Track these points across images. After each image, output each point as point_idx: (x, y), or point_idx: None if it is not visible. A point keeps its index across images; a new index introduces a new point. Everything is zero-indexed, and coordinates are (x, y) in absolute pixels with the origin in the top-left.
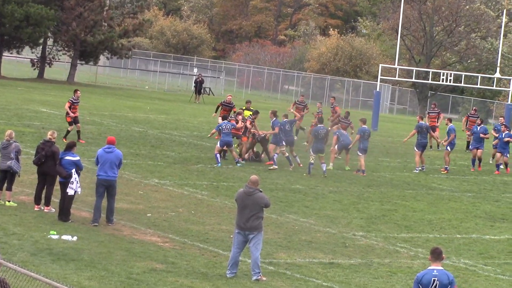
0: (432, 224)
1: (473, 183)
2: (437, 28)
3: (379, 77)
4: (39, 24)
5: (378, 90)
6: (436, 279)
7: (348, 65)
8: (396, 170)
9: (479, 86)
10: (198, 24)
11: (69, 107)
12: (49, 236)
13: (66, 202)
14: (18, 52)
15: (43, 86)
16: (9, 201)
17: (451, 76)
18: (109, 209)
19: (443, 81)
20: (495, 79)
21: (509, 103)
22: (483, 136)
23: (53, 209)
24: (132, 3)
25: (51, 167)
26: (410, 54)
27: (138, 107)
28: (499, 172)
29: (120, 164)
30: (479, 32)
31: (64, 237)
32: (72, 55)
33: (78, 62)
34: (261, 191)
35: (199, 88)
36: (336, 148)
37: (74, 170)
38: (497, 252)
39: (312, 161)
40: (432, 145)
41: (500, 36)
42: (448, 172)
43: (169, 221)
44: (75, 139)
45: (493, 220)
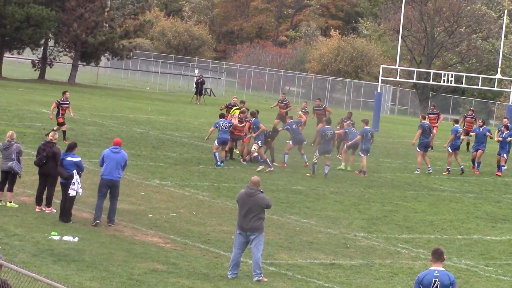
0: (433, 225)
1: (474, 184)
2: (438, 29)
3: (380, 78)
4: (40, 25)
5: (379, 91)
6: (437, 279)
7: (349, 66)
8: (397, 171)
9: (480, 87)
10: (199, 25)
11: (55, 107)
12: (50, 237)
13: (67, 203)
14: (19, 53)
15: (44, 87)
16: (10, 202)
17: (452, 77)
18: (111, 209)
19: (444, 82)
20: (496, 80)
21: (510, 104)
22: (489, 135)
23: (54, 210)
24: (133, 4)
25: (52, 168)
26: (411, 55)
27: (139, 108)
28: (501, 174)
29: (125, 165)
30: (480, 33)
31: (65, 238)
32: (73, 56)
33: (79, 63)
34: (262, 192)
35: (200, 89)
36: (345, 147)
37: (75, 171)
38: (498, 253)
39: (315, 160)
40: (432, 145)
41: (501, 37)
42: (449, 173)
43: (170, 222)
44: (78, 140)
45: (494, 221)
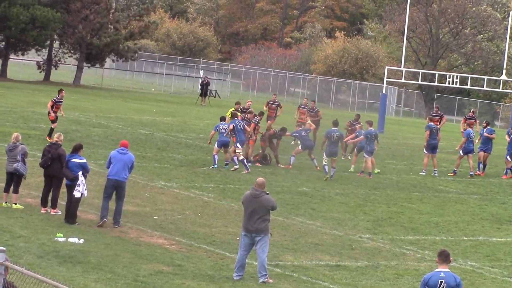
0: (438, 226)
1: (479, 186)
2: (443, 30)
3: (385, 79)
4: (45, 26)
5: (384, 92)
6: (443, 281)
7: (354, 67)
8: (402, 172)
9: (485, 88)
10: (204, 27)
11: (51, 106)
12: (55, 238)
13: (73, 204)
14: (24, 54)
15: (49, 89)
16: (15, 203)
17: (457, 78)
18: (117, 211)
19: (449, 83)
20: (501, 81)
21: None
22: (487, 136)
23: (59, 211)
24: (138, 6)
25: (58, 169)
26: (416, 56)
27: (144, 110)
28: (506, 177)
29: (131, 167)
30: (486, 34)
31: (71, 239)
32: (78, 57)
33: (84, 64)
34: (267, 194)
35: (205, 90)
36: (356, 151)
37: (80, 173)
38: (504, 254)
39: (325, 163)
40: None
41: (507, 38)
42: (454, 175)
43: (175, 223)
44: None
45: (500, 223)
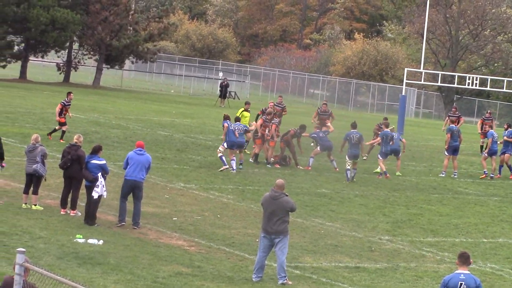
0: (458, 228)
1: (499, 187)
2: (462, 31)
3: (405, 81)
4: (64, 28)
5: (403, 94)
6: (463, 283)
7: (373, 69)
8: (422, 174)
9: (505, 90)
10: (223, 28)
11: (60, 109)
12: (75, 240)
13: (92, 206)
14: (43, 56)
15: (68, 90)
16: (35, 204)
17: (477, 80)
18: (135, 212)
19: (469, 85)
20: None
21: None
22: (506, 139)
23: (79, 212)
24: (157, 7)
25: (77, 171)
26: (435, 58)
27: (164, 111)
28: None
29: (149, 168)
30: (505, 36)
31: (90, 240)
32: (98, 59)
33: (104, 66)
34: (287, 195)
35: (224, 92)
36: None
37: (100, 174)
38: None
39: (348, 167)
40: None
41: None
42: (486, 177)
43: (195, 225)
44: (103, 143)
45: None
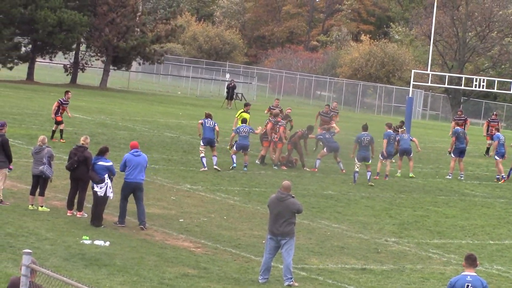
0: (464, 230)
1: (506, 189)
2: (470, 33)
3: (412, 82)
4: (72, 29)
5: (410, 96)
6: (469, 285)
7: (380, 70)
8: (428, 176)
9: None
10: (231, 30)
11: (57, 106)
12: (81, 241)
13: (99, 207)
14: (51, 57)
15: (75, 92)
16: (41, 206)
17: (484, 82)
18: (141, 211)
19: (476, 87)
20: None
21: None
22: None
23: (85, 214)
24: (164, 9)
25: (84, 172)
26: (442, 59)
27: (170, 113)
28: None
29: (146, 167)
30: None
31: (97, 242)
32: (105, 60)
33: (111, 67)
34: (293, 197)
35: (231, 93)
36: (398, 154)
37: (106, 176)
38: None
39: (357, 169)
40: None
41: None
42: (504, 181)
43: (201, 226)
44: (109, 144)
45: None
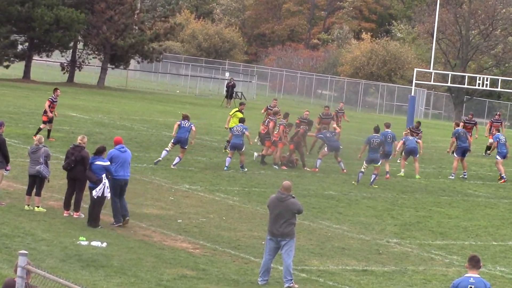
0: (467, 231)
1: (509, 189)
2: (473, 31)
3: (414, 81)
4: (69, 27)
5: (413, 94)
6: (473, 286)
7: (382, 69)
8: (431, 176)
9: None
10: (230, 28)
11: (48, 106)
12: (78, 242)
13: (96, 207)
14: (47, 55)
15: (73, 90)
16: (38, 206)
17: (487, 80)
18: (124, 207)
19: (479, 85)
20: None
21: None
22: None
23: (82, 215)
24: (163, 7)
25: (81, 172)
26: (445, 58)
27: (169, 112)
28: None
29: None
30: None
31: (94, 243)
32: (103, 59)
33: (109, 66)
34: (293, 197)
35: (230, 92)
36: (403, 154)
37: (104, 175)
38: None
39: (363, 169)
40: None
41: None
42: (504, 181)
43: (200, 227)
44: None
45: None
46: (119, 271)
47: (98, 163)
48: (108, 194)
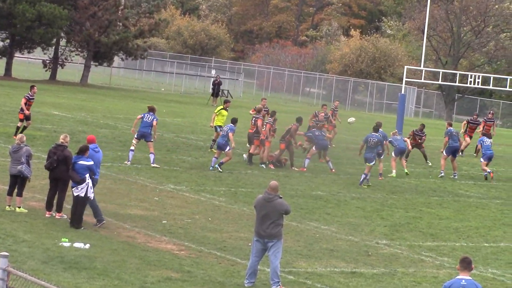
0: (458, 232)
1: (501, 190)
2: (464, 28)
3: (404, 79)
4: (51, 24)
5: (403, 92)
6: None
7: (371, 66)
8: (421, 176)
9: (508, 89)
10: (217, 24)
11: (24, 103)
12: (60, 243)
13: (79, 208)
14: (29, 52)
15: (55, 88)
16: (19, 207)
17: (479, 78)
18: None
19: (470, 83)
20: None
21: None
22: None
23: (65, 215)
24: (148, 2)
25: (63, 172)
26: (436, 55)
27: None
28: None
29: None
30: (509, 33)
31: (76, 244)
32: (86, 56)
33: (92, 63)
34: (281, 197)
35: (216, 90)
36: (393, 154)
37: (87, 175)
38: None
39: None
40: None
41: None
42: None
43: (185, 228)
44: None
45: None
46: (102, 273)
47: (81, 162)
48: (91, 195)
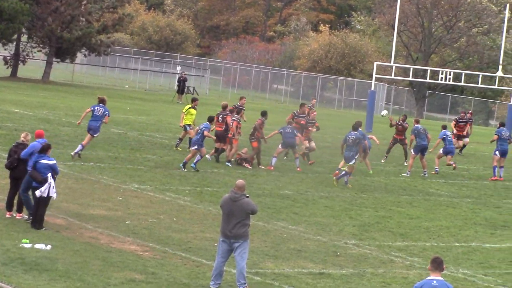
0: (429, 231)
1: (472, 188)
2: (436, 23)
3: (374, 75)
4: (12, 19)
5: (373, 89)
6: None
7: (341, 63)
8: (391, 174)
9: (480, 86)
10: (182, 19)
11: None
12: (21, 244)
13: (40, 208)
14: None
15: (16, 85)
16: None
17: (450, 74)
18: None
19: (442, 80)
20: (497, 77)
21: (511, 103)
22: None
23: (25, 216)
24: None
25: (24, 171)
26: (407, 51)
27: (117, 108)
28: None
29: None
30: (481, 28)
31: (37, 245)
32: (48, 52)
33: (54, 59)
34: (247, 197)
35: (182, 87)
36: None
37: (50, 175)
38: (498, 261)
39: (345, 169)
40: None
41: (503, 32)
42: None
43: (149, 228)
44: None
45: (494, 228)
46: (64, 275)
47: (43, 161)
48: (54, 195)
